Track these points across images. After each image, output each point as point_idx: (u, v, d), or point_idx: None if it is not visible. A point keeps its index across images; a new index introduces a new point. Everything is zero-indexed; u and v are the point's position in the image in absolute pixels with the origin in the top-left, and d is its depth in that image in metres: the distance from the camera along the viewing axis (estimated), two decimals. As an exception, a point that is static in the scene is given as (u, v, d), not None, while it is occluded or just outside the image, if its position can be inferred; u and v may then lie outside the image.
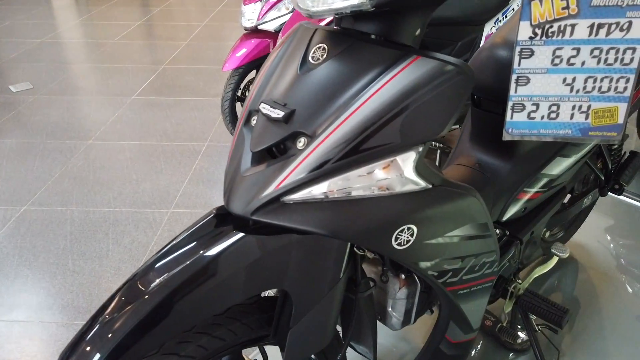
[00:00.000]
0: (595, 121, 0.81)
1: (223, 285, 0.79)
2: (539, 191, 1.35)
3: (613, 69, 0.76)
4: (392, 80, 0.78)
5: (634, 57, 0.75)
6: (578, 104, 0.80)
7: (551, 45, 0.77)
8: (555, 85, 0.79)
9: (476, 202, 0.93)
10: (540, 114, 0.82)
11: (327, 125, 0.78)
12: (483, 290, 1.11)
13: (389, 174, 0.79)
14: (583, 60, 0.77)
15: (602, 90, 0.78)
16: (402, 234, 0.84)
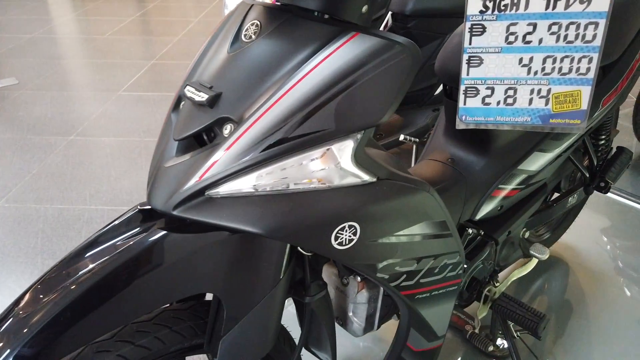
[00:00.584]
0: (556, 107, 0.72)
1: (141, 288, 0.71)
2: (516, 188, 1.26)
3: (574, 47, 0.68)
4: (326, 59, 0.69)
5: (597, 33, 0.66)
6: (537, 88, 0.71)
7: (504, 21, 0.68)
8: (510, 67, 0.71)
9: (430, 198, 0.85)
10: (496, 99, 0.73)
11: (255, 109, 0.70)
12: (447, 295, 1.02)
13: (324, 165, 0.71)
14: (540, 38, 0.68)
15: (562, 72, 0.69)
16: (343, 233, 0.75)
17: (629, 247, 1.99)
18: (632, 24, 1.23)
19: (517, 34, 0.68)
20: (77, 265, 0.72)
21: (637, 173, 2.51)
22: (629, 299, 1.72)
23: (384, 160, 0.82)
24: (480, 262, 1.24)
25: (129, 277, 0.70)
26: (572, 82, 0.70)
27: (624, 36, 1.22)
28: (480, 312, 1.29)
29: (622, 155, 1.50)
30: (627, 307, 1.69)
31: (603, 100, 1.25)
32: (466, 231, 1.19)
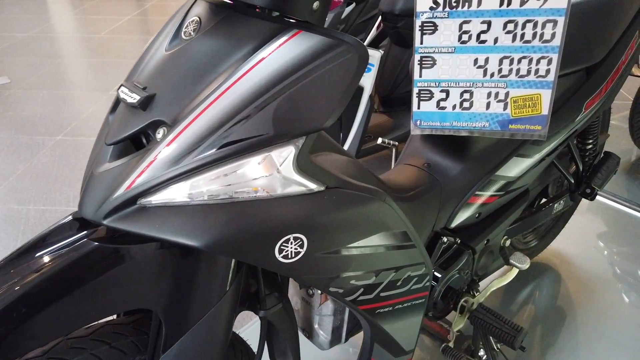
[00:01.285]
0: (515, 112, 0.67)
1: (70, 303, 0.66)
2: (495, 195, 1.21)
3: (532, 47, 0.62)
4: (265, 59, 0.64)
5: (556, 32, 0.61)
6: (494, 91, 0.66)
7: (456, 18, 0.63)
8: (465, 68, 0.65)
9: (386, 207, 0.80)
10: (451, 102, 0.68)
11: (189, 112, 0.65)
12: (413, 308, 0.97)
13: (264, 172, 0.66)
14: (496, 37, 0.63)
15: (521, 74, 0.64)
16: (288, 245, 0.70)
17: (622, 254, 1.92)
18: (617, 25, 1.17)
19: (470, 32, 0.63)
20: (1, 277, 0.68)
21: (632, 178, 2.44)
22: (619, 307, 1.66)
23: (336, 168, 0.77)
24: (456, 271, 1.18)
25: (57, 291, 0.65)
26: (531, 85, 0.64)
27: (607, 37, 1.16)
28: (456, 324, 1.24)
29: (609, 160, 1.44)
30: (617, 316, 1.63)
31: (586, 103, 1.19)
32: (441, 239, 1.14)
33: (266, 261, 0.69)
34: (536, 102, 0.65)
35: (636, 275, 1.82)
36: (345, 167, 0.85)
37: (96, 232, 0.71)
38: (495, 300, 1.71)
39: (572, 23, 1.11)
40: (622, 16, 1.18)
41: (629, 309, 1.66)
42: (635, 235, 2.03)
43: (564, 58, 1.13)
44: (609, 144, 2.72)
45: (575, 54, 1.14)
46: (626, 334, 1.57)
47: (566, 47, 1.12)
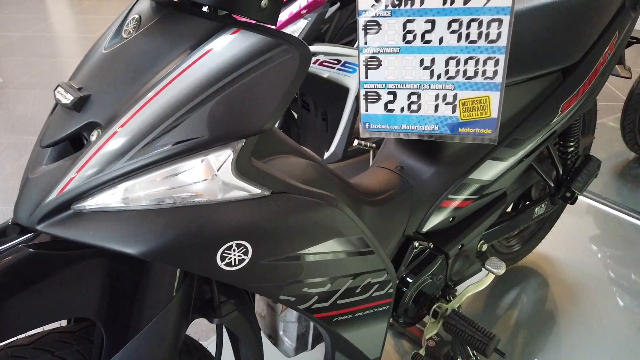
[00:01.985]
0: (464, 115, 0.64)
1: (5, 310, 0.64)
2: (469, 199, 1.18)
3: (478, 47, 0.59)
4: (201, 58, 0.62)
5: (502, 31, 0.58)
6: (442, 93, 0.63)
7: (400, 17, 0.60)
8: (411, 69, 0.63)
9: (339, 213, 0.77)
10: (399, 105, 0.65)
11: (123, 113, 0.62)
12: (376, 315, 0.94)
13: (202, 177, 0.63)
14: (441, 37, 0.60)
15: (468, 76, 0.61)
16: (231, 252, 0.67)
17: (611, 258, 1.89)
18: (594, 25, 1.14)
19: (415, 32, 0.60)
20: None
21: (624, 181, 2.40)
22: (606, 312, 1.63)
23: (287, 172, 0.74)
24: (429, 276, 1.15)
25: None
26: (479, 87, 0.61)
27: (584, 37, 1.13)
28: (429, 331, 1.21)
29: (590, 164, 1.40)
30: (604, 320, 1.59)
31: (562, 105, 1.16)
32: (412, 244, 1.11)
33: (207, 269, 0.67)
34: (485, 104, 0.62)
35: (625, 279, 1.79)
36: (301, 171, 0.82)
37: (36, 237, 0.69)
38: (479, 305, 1.68)
39: (547, 23, 1.08)
40: (600, 16, 1.15)
41: (617, 313, 1.63)
42: (624, 238, 2.00)
43: (541, 58, 1.10)
44: (601, 146, 2.68)
45: (551, 54, 1.11)
46: (612, 338, 1.53)
47: (542, 47, 1.10)
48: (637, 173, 2.46)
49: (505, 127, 1.13)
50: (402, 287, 1.13)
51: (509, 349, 1.52)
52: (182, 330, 0.79)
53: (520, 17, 1.05)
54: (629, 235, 2.02)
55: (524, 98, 1.12)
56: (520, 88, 1.10)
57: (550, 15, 1.07)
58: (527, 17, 1.06)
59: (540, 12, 1.07)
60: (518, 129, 1.13)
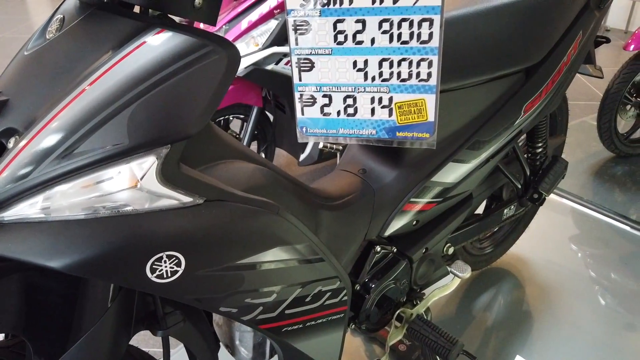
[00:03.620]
0: (401, 118, 0.61)
1: None
2: (432, 202, 1.15)
3: (410, 48, 0.57)
4: (124, 59, 0.59)
5: (433, 31, 0.55)
6: (377, 96, 0.61)
7: (330, 17, 0.57)
8: (345, 71, 0.60)
9: (280, 221, 0.74)
10: (335, 108, 0.63)
11: (41, 119, 0.59)
12: (330, 324, 0.91)
13: (125, 185, 0.60)
14: (372, 37, 0.57)
15: (402, 78, 0.59)
16: (162, 264, 0.64)
17: (587, 258, 1.87)
18: (557, 25, 1.12)
19: (346, 32, 0.57)
20: None
21: (601, 180, 2.40)
22: (581, 312, 1.61)
23: (226, 178, 0.71)
24: (391, 281, 1.13)
25: None
26: (414, 90, 0.59)
27: (547, 37, 1.11)
28: (392, 337, 1.18)
29: (557, 165, 1.39)
30: (577, 321, 1.58)
31: (525, 106, 1.14)
32: (374, 248, 1.09)
33: (137, 282, 0.64)
34: (421, 107, 0.59)
35: (601, 279, 1.78)
36: (247, 177, 0.79)
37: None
38: (452, 308, 1.66)
39: (508, 23, 1.05)
40: (563, 16, 1.13)
41: (591, 314, 1.62)
42: (600, 239, 1.99)
43: (502, 58, 1.08)
44: (579, 146, 2.68)
45: (513, 54, 1.09)
46: (586, 339, 1.52)
47: (506, 46, 1.07)
48: (614, 172, 2.46)
49: (467, 129, 1.10)
50: (363, 292, 1.11)
51: (483, 351, 1.50)
52: (121, 343, 0.76)
53: (481, 17, 1.03)
54: (604, 235, 2.01)
55: (486, 99, 1.10)
56: (481, 89, 1.08)
57: (511, 15, 1.05)
58: (487, 17, 1.03)
59: (501, 12, 1.05)
60: (480, 130, 1.11)
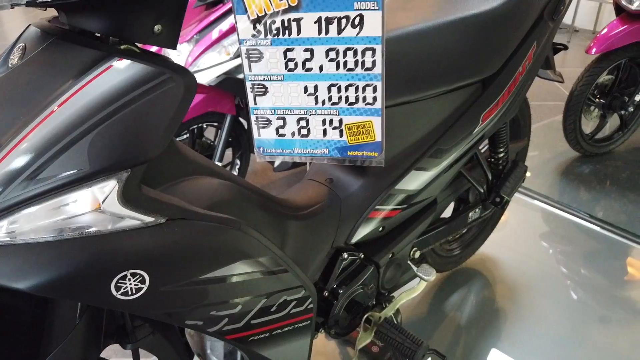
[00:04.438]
0: (351, 139, 0.65)
1: None
2: (397, 208, 1.20)
3: (356, 75, 0.61)
4: (84, 88, 0.62)
5: (375, 59, 0.59)
6: (328, 118, 0.64)
7: (280, 46, 0.61)
8: (297, 96, 0.64)
9: (243, 236, 0.77)
10: (290, 129, 0.66)
11: (3, 146, 0.61)
12: (297, 331, 0.95)
13: (88, 208, 0.63)
14: (320, 64, 0.61)
15: (350, 102, 0.63)
16: (126, 282, 0.67)
17: (554, 256, 1.94)
18: (512, 37, 1.17)
19: (295, 60, 0.61)
20: None
21: (567, 180, 2.48)
22: (548, 308, 1.68)
23: (189, 195, 0.74)
24: (359, 286, 1.17)
25: None
26: (361, 113, 0.63)
27: (502, 49, 1.16)
28: (361, 340, 1.22)
29: (517, 169, 1.44)
30: (543, 317, 1.64)
31: (483, 115, 1.19)
32: (341, 256, 1.13)
33: (102, 300, 0.66)
34: (369, 129, 0.63)
35: (566, 276, 1.84)
36: (211, 194, 0.82)
37: None
38: (423, 309, 1.71)
39: (464, 36, 1.10)
40: (518, 28, 1.18)
41: (557, 309, 1.68)
42: (566, 237, 2.06)
43: (459, 70, 1.12)
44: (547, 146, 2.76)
45: (471, 66, 1.13)
46: (552, 333, 1.58)
47: (462, 59, 1.12)
48: (580, 172, 2.55)
49: (427, 139, 1.15)
50: (332, 298, 1.14)
51: (453, 350, 1.55)
52: (90, 358, 0.78)
53: (437, 31, 1.07)
54: (571, 234, 2.08)
55: (445, 109, 1.14)
56: (440, 100, 1.13)
57: (467, 29, 1.10)
58: (443, 31, 1.08)
59: (457, 26, 1.09)
60: (440, 139, 1.15)
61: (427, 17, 1.10)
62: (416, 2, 1.20)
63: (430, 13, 1.12)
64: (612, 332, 1.61)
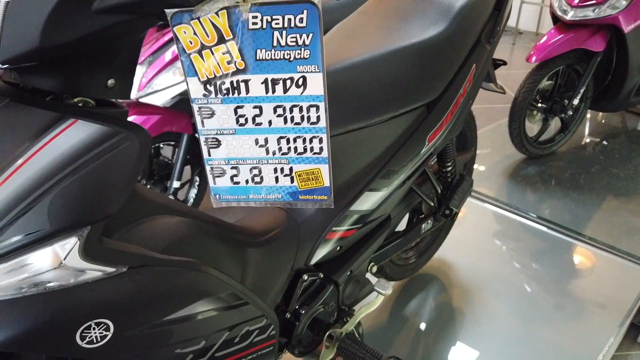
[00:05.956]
0: (302, 184, 0.70)
1: None
2: (352, 228, 1.25)
3: (303, 128, 0.66)
4: (40, 150, 0.64)
5: (320, 114, 0.64)
6: (279, 167, 0.69)
7: (230, 104, 0.65)
8: (249, 147, 0.68)
9: (203, 276, 0.81)
10: (244, 177, 0.70)
11: None
12: (261, 358, 0.99)
13: (49, 266, 0.65)
14: (269, 120, 0.65)
15: (299, 152, 0.67)
16: (91, 331, 0.70)
17: (503, 256, 2.05)
18: (452, 62, 1.25)
19: (246, 116, 0.65)
20: None
21: (514, 182, 2.61)
22: (499, 307, 1.78)
23: (148, 239, 0.77)
24: (320, 305, 1.22)
25: None
26: (310, 161, 0.68)
27: (443, 74, 1.24)
28: (324, 356, 1.28)
29: (464, 183, 1.53)
30: (496, 315, 1.74)
31: (429, 136, 1.26)
32: (301, 277, 1.17)
33: (68, 351, 0.69)
34: (317, 175, 0.68)
35: (518, 274, 1.95)
36: (169, 233, 0.85)
37: None
38: (383, 317, 1.78)
39: (408, 64, 1.17)
40: (457, 53, 1.26)
41: (508, 306, 1.78)
42: (515, 237, 2.18)
43: (404, 96, 1.19)
44: (495, 149, 2.88)
45: (415, 91, 1.20)
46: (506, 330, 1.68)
47: (406, 85, 1.19)
48: (526, 173, 2.69)
49: (378, 161, 1.21)
50: (294, 319, 1.19)
51: (413, 355, 1.62)
52: None
53: (382, 60, 1.13)
54: (519, 234, 2.20)
55: (393, 133, 1.21)
56: (388, 125, 1.19)
57: (409, 57, 1.16)
58: (388, 60, 1.14)
59: (400, 54, 1.16)
60: (390, 161, 1.22)
61: (372, 46, 1.16)
62: (361, 31, 1.26)
63: (376, 42, 1.18)
64: (560, 325, 1.73)
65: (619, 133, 3.26)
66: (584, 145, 3.05)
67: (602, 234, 2.20)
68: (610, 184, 2.61)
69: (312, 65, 0.60)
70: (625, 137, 3.21)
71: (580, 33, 2.47)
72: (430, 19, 1.23)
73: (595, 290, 1.89)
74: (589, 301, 1.84)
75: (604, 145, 3.06)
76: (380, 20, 1.28)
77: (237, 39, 0.60)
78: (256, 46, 0.60)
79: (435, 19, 1.22)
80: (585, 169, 2.73)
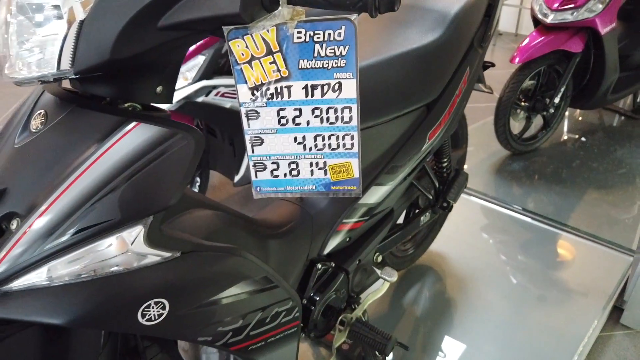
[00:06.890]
0: (334, 176, 0.80)
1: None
2: (360, 220, 1.36)
3: (337, 127, 0.76)
4: (108, 151, 0.73)
5: (352, 115, 0.74)
6: (314, 161, 0.79)
7: (274, 107, 0.75)
8: (288, 144, 0.77)
9: (243, 261, 0.90)
10: (282, 171, 0.80)
11: (40, 204, 0.71)
12: (286, 338, 1.08)
13: (117, 251, 0.74)
14: (307, 120, 0.75)
15: (332, 148, 0.77)
16: (150, 310, 0.79)
17: (493, 246, 2.18)
18: (448, 65, 1.37)
19: (287, 117, 0.75)
20: None
21: (501, 177, 2.75)
22: (491, 294, 1.90)
23: (194, 230, 0.86)
24: (333, 292, 1.32)
25: None
26: (342, 156, 0.78)
27: (441, 77, 1.35)
28: (337, 340, 1.38)
29: (459, 177, 1.65)
30: (490, 303, 1.86)
31: (429, 134, 1.38)
32: (316, 266, 1.27)
33: (130, 327, 0.78)
34: (348, 168, 0.78)
35: (505, 264, 2.08)
36: (207, 224, 0.94)
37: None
38: (384, 307, 1.88)
39: (409, 68, 1.28)
40: (453, 57, 1.38)
41: (499, 294, 1.90)
42: (503, 229, 2.31)
43: (406, 98, 1.30)
44: (482, 146, 3.02)
45: (416, 93, 1.31)
46: (498, 317, 1.80)
47: (409, 87, 1.30)
48: (511, 169, 2.83)
49: (384, 158, 1.32)
50: (310, 305, 1.28)
51: (413, 340, 1.73)
52: None
53: (386, 65, 1.24)
54: (507, 226, 2.33)
55: (396, 132, 1.32)
56: (392, 124, 1.30)
57: (411, 61, 1.28)
58: (391, 64, 1.25)
59: (402, 59, 1.27)
60: (394, 158, 1.32)
61: (375, 52, 1.27)
62: (364, 38, 1.37)
63: (378, 48, 1.29)
64: (548, 310, 1.86)
65: (597, 129, 3.44)
66: (564, 141, 3.21)
67: (584, 223, 2.35)
68: (590, 177, 2.77)
69: (347, 73, 0.71)
70: (603, 133, 3.38)
71: (560, 35, 2.62)
72: (427, 26, 1.34)
73: (580, 277, 2.03)
74: (574, 287, 1.97)
75: (583, 141, 3.22)
76: (380, 27, 1.39)
77: (283, 51, 0.70)
78: (299, 57, 0.70)
79: (432, 26, 1.33)
80: (566, 164, 2.88)
